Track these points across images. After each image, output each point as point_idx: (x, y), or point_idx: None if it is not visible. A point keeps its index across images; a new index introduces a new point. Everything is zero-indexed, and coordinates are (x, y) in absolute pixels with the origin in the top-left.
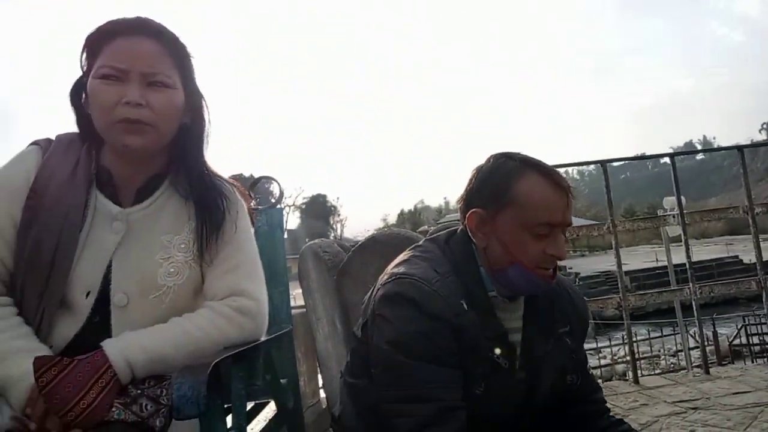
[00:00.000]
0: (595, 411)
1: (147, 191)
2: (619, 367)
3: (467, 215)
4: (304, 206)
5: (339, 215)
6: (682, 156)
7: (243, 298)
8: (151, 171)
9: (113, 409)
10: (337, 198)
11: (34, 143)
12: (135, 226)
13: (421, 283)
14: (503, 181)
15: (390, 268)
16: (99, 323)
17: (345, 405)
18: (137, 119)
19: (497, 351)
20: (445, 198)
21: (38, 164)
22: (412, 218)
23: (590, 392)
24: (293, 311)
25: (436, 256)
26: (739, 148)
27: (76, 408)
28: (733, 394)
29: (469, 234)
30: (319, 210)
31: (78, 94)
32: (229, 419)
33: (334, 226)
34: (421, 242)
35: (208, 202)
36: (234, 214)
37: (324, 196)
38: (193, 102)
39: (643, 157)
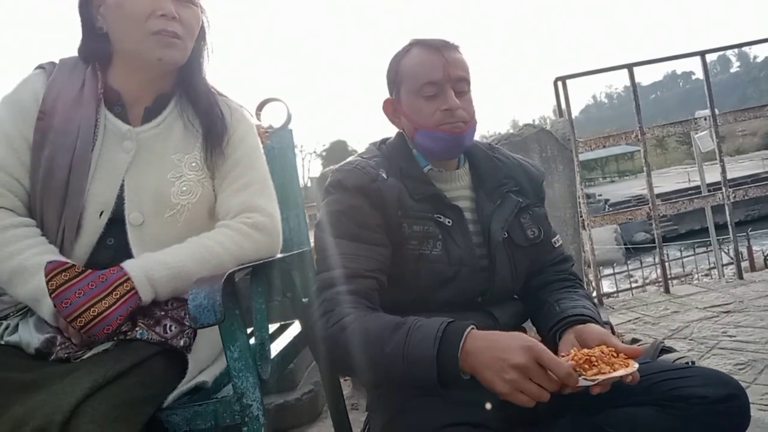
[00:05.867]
0: (555, 279)
1: (155, 110)
2: (651, 288)
3: (383, 107)
4: (324, 153)
5: None
6: (715, 71)
7: (257, 214)
8: (160, 90)
9: (137, 328)
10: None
11: (39, 67)
12: (145, 145)
13: (345, 165)
14: (393, 64)
15: None
16: (116, 245)
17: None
18: (174, 32)
19: (434, 210)
20: None
21: (45, 86)
22: None
23: (554, 262)
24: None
25: (370, 150)
26: None
27: (86, 315)
28: None
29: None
30: (339, 156)
31: (87, 5)
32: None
33: None
34: None
35: (210, 112)
36: (242, 132)
37: (344, 142)
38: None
39: (671, 58)
